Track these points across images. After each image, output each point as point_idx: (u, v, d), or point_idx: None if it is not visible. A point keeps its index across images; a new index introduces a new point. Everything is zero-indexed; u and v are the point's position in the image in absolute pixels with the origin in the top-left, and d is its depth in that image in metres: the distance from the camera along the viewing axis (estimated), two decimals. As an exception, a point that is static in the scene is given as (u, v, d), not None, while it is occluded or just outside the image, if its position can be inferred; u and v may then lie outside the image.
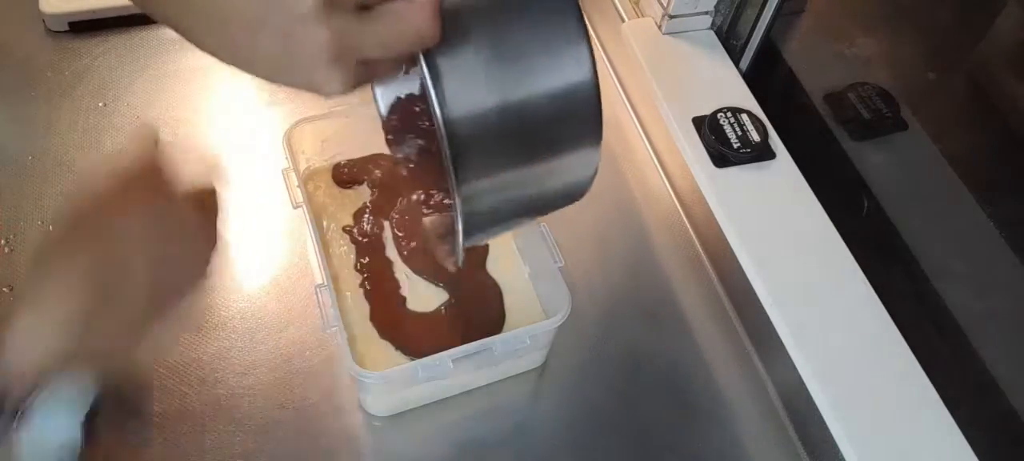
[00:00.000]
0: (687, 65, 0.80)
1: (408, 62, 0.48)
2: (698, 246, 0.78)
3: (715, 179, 0.72)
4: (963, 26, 0.72)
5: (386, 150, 0.73)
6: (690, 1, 0.80)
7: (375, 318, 0.66)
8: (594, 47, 0.43)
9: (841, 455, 0.60)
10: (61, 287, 0.42)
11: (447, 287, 0.68)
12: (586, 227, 0.77)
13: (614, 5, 0.88)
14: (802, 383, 0.63)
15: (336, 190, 0.73)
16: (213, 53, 0.39)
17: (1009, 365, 0.64)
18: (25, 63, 0.83)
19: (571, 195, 0.48)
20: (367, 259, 0.68)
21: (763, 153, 0.74)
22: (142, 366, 0.64)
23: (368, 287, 0.67)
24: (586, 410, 0.67)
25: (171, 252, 0.47)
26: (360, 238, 0.69)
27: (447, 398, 0.65)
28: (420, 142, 0.52)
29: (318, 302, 0.63)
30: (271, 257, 0.72)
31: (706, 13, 0.82)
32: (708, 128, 0.74)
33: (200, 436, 0.62)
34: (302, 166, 0.72)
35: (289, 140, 0.68)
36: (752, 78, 0.80)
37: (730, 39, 0.83)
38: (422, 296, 0.67)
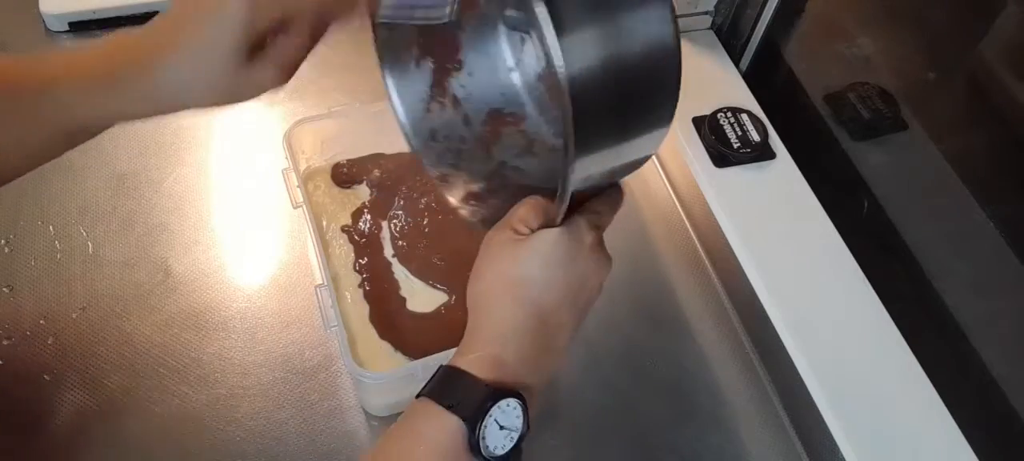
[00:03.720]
0: (687, 65, 0.80)
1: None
2: (698, 246, 0.78)
3: (715, 179, 0.72)
4: (963, 26, 0.72)
5: (385, 150, 0.74)
6: (690, 1, 0.80)
7: (375, 318, 0.65)
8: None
9: (841, 455, 0.60)
10: None
11: (446, 288, 0.68)
12: (586, 227, 0.77)
13: (614, 5, 0.87)
14: (802, 383, 0.63)
15: (336, 190, 0.73)
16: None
17: (1009, 365, 0.64)
18: (25, 63, 0.83)
19: (644, 160, 0.48)
20: (366, 259, 0.68)
21: (763, 153, 0.74)
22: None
23: (368, 287, 0.67)
24: (586, 410, 0.67)
25: None
26: (358, 238, 0.69)
27: (447, 398, 0.65)
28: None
29: (318, 302, 0.63)
30: (271, 257, 0.72)
31: (706, 13, 0.82)
32: (708, 128, 0.74)
33: (200, 436, 0.62)
34: (302, 166, 0.72)
35: (289, 140, 0.68)
36: (752, 78, 0.80)
37: (730, 39, 0.83)
38: (422, 296, 0.67)
